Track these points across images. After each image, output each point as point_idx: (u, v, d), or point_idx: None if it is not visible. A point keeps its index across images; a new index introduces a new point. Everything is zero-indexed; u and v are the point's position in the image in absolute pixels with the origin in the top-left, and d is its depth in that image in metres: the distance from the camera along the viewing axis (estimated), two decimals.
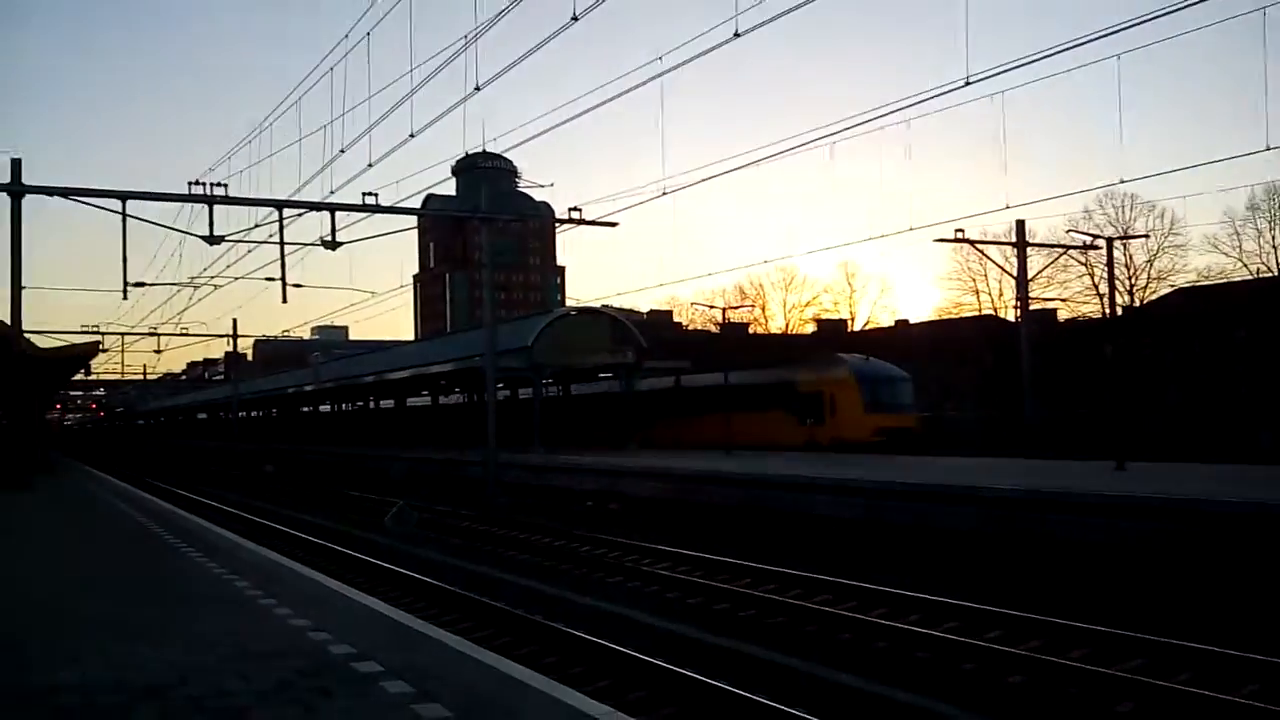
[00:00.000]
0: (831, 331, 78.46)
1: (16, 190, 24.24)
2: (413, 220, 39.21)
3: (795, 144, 20.26)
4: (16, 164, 24.34)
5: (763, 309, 78.27)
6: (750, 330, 77.86)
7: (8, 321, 26.49)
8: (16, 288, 25.13)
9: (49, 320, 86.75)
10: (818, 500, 19.15)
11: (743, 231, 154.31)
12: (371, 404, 65.70)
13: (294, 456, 54.73)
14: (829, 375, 35.11)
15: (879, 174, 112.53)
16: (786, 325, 78.64)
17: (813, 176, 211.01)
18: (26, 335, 28.40)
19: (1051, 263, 46.85)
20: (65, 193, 24.44)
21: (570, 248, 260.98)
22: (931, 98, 16.95)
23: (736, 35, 16.15)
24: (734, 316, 64.14)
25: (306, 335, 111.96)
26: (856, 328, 77.28)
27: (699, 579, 15.39)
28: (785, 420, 35.19)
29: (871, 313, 79.96)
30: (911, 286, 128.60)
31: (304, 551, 18.67)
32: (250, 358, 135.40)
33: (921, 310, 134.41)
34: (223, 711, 5.47)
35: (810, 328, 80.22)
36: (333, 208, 25.58)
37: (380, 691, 5.84)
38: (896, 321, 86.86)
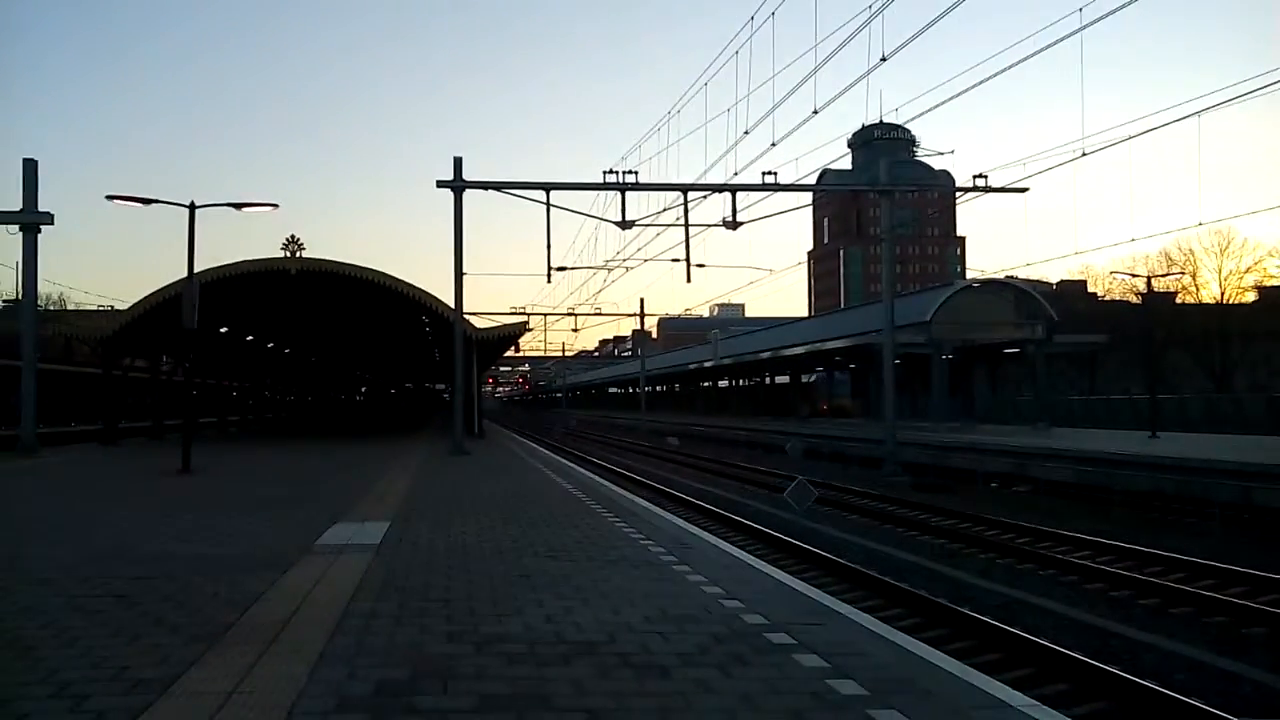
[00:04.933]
0: (1277, 300, 69.57)
1: (458, 186, 27.09)
2: (808, 197, 39.43)
3: (1240, 92, 17.92)
4: (458, 162, 27.18)
5: (1193, 276, 70.66)
6: (1178, 300, 70.77)
7: (450, 305, 29.78)
8: (459, 274, 28.14)
9: (483, 304, 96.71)
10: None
11: (1171, 192, 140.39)
12: (766, 379, 66.99)
13: (695, 429, 57.12)
14: None
15: None
16: (1222, 294, 70.53)
17: (1259, 129, 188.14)
18: (465, 317, 31.82)
19: None
20: (499, 186, 27.01)
21: (972, 217, 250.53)
22: None
23: None
24: (1159, 285, 58.67)
25: (706, 313, 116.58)
26: None
27: (1120, 569, 14.24)
28: None
29: None
30: None
31: (708, 521, 19.39)
32: (655, 335, 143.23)
33: None
34: (648, 668, 5.78)
35: (1250, 296, 71.58)
36: (733, 189, 26.37)
37: (794, 664, 5.90)
38: None
